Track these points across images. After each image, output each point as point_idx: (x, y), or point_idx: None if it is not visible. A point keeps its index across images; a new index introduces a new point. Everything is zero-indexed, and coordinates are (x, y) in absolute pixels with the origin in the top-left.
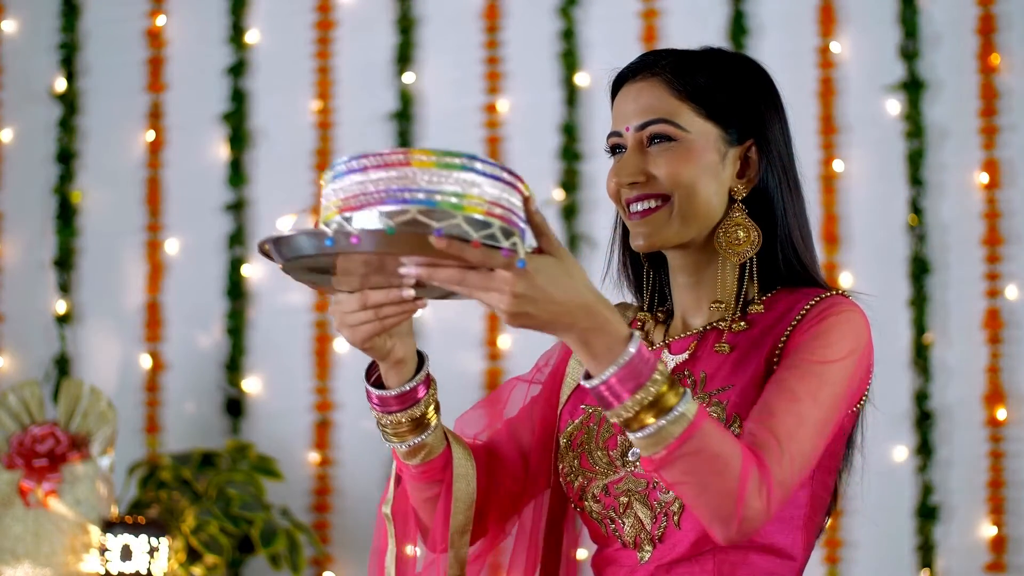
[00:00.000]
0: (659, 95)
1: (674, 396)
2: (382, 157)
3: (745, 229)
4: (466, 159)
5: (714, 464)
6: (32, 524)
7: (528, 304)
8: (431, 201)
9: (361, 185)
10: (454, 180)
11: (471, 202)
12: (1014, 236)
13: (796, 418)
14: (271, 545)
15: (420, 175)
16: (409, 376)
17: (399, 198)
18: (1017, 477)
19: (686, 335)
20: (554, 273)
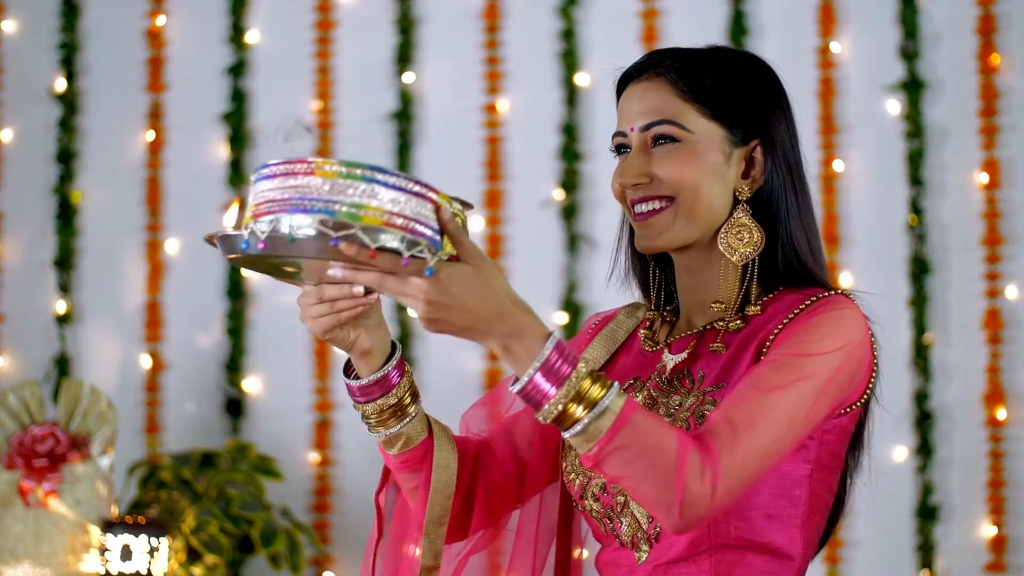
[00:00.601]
0: (663, 95)
1: (599, 389)
2: (290, 165)
3: (748, 230)
4: (369, 170)
5: (648, 454)
6: (32, 524)
7: (442, 311)
8: (329, 211)
9: (271, 192)
10: (354, 191)
11: (369, 212)
12: (1014, 236)
13: (761, 407)
14: (271, 545)
15: (322, 185)
16: (379, 366)
17: (301, 207)
18: (1017, 477)
19: (686, 335)
20: (469, 281)
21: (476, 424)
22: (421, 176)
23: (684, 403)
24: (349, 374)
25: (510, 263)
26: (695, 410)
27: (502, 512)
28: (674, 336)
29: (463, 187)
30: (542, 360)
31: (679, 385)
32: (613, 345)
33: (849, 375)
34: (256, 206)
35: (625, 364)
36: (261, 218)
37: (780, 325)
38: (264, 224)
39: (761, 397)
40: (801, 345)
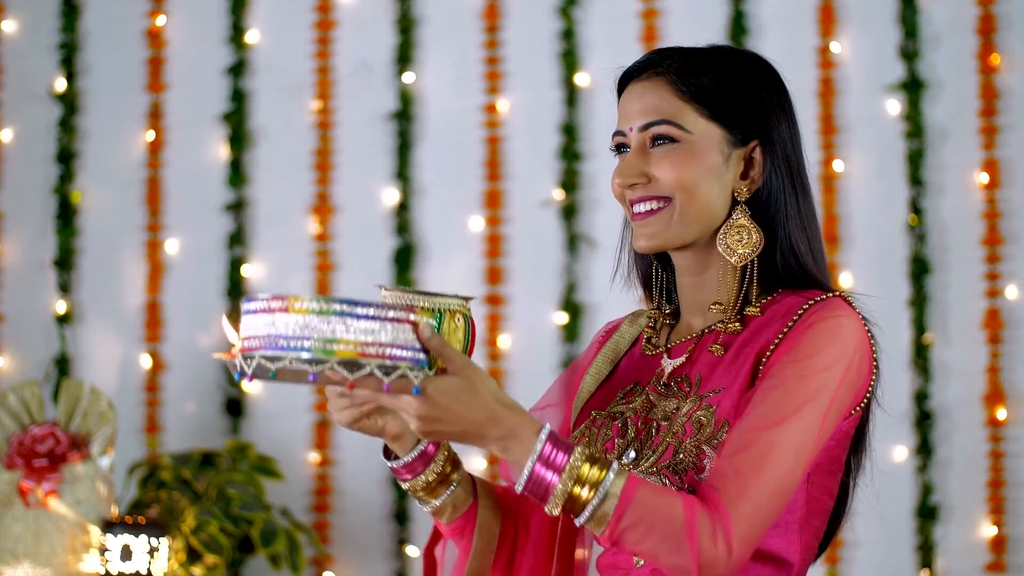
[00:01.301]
0: (663, 95)
1: (599, 471)
2: (267, 302)
3: (747, 231)
4: (343, 304)
5: (658, 527)
6: (32, 524)
7: (434, 423)
8: (303, 348)
9: (253, 327)
10: (328, 326)
11: (341, 346)
12: (1014, 236)
13: (765, 447)
14: (271, 545)
15: (297, 322)
16: (412, 446)
17: (277, 344)
18: (1017, 477)
19: (686, 339)
20: (458, 392)
21: None
22: (422, 175)
23: (681, 408)
24: (389, 456)
25: (510, 263)
26: (691, 415)
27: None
28: (674, 340)
29: (463, 187)
30: (538, 453)
31: (676, 389)
32: (616, 356)
33: (851, 387)
34: (243, 339)
35: (627, 369)
36: (246, 353)
37: (780, 334)
38: (247, 361)
39: (764, 435)
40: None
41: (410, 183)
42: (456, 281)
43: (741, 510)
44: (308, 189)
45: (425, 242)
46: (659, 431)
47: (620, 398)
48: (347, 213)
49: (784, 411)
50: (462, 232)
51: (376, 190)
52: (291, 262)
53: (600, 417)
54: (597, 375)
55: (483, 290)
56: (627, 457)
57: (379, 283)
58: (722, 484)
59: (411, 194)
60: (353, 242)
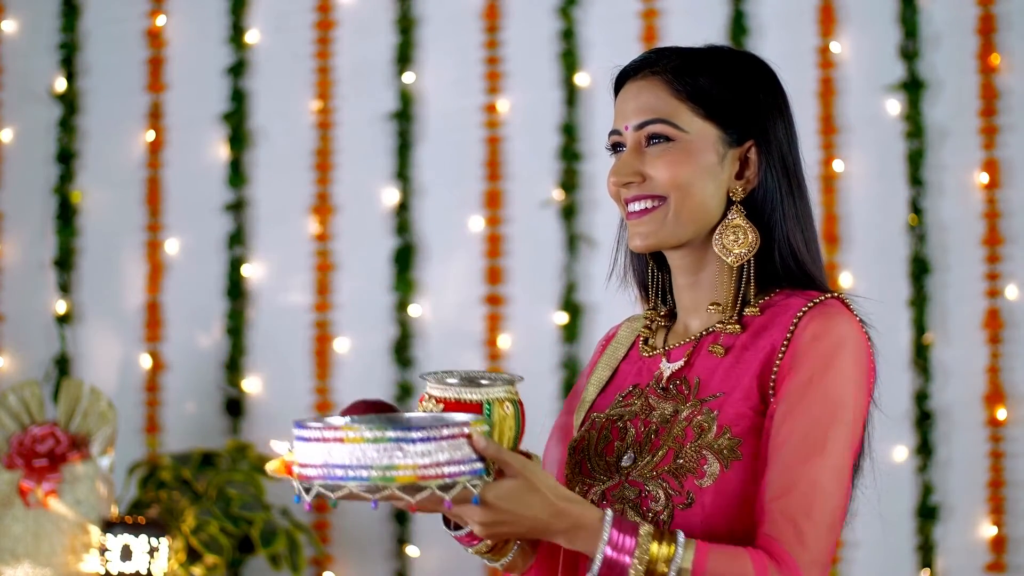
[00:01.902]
0: (659, 94)
1: (668, 547)
2: (321, 431)
3: (743, 231)
4: (397, 431)
5: None
6: (32, 524)
7: (498, 527)
8: (363, 478)
9: (308, 455)
10: (384, 454)
11: (402, 472)
12: (1014, 236)
13: (809, 484)
14: (271, 545)
15: (354, 452)
16: None
17: (335, 475)
18: (1017, 477)
19: (684, 342)
20: (518, 494)
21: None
22: (422, 175)
23: (680, 412)
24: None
25: (510, 263)
26: (691, 419)
27: None
28: (672, 342)
29: (463, 187)
30: (607, 540)
31: (675, 392)
32: (615, 361)
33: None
34: (299, 465)
35: (626, 372)
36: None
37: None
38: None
39: (805, 471)
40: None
41: (410, 183)
42: (456, 281)
43: (804, 555)
44: (308, 189)
45: (425, 242)
46: (658, 434)
47: (619, 400)
48: (347, 213)
49: (816, 440)
50: (462, 232)
51: (376, 190)
52: (291, 262)
53: (600, 420)
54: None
55: (483, 290)
56: (626, 460)
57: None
58: (779, 532)
59: (411, 194)
60: (353, 242)
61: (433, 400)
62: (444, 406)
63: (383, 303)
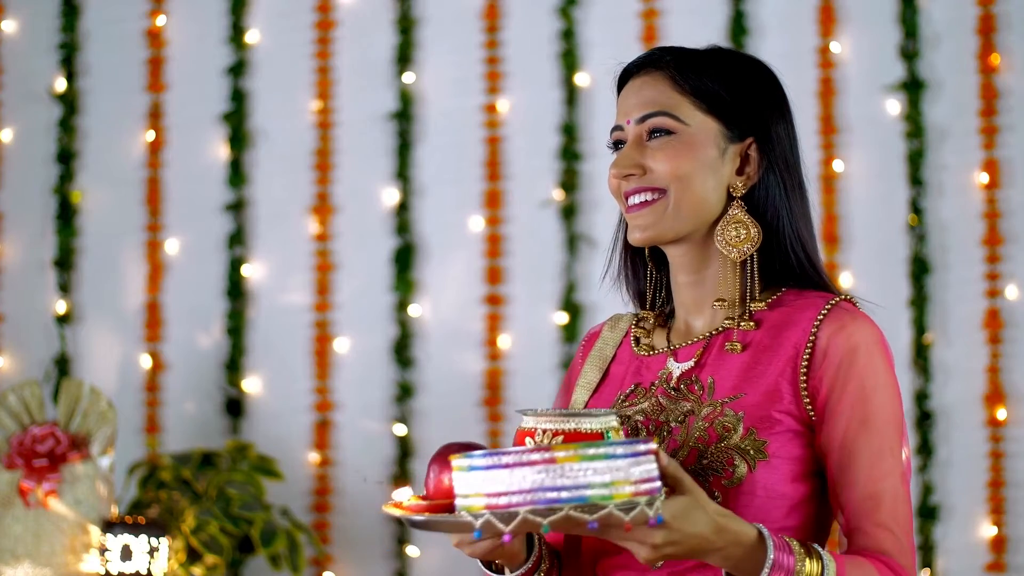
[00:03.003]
0: (661, 89)
1: (817, 565)
2: (522, 455)
3: (744, 226)
4: (607, 448)
5: None
6: (32, 524)
7: (667, 547)
8: (582, 498)
9: (507, 483)
10: (599, 470)
11: (619, 489)
12: (1014, 236)
13: (893, 494)
14: (271, 545)
15: (566, 470)
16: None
17: (548, 497)
18: (1017, 477)
19: (692, 342)
20: (689, 512)
21: None
22: (422, 175)
23: (697, 411)
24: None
25: (510, 263)
26: (712, 420)
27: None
28: (676, 342)
29: (463, 187)
30: (771, 561)
31: (687, 392)
32: (604, 362)
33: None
34: (487, 496)
35: (619, 373)
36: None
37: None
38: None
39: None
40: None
41: (410, 183)
42: (456, 281)
43: (906, 560)
44: (308, 189)
45: (425, 242)
46: (672, 434)
47: (621, 400)
48: (347, 213)
49: (888, 453)
50: (462, 232)
51: (376, 190)
52: (291, 262)
53: None
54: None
55: (483, 290)
56: None
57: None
58: (889, 548)
59: (411, 194)
60: (353, 242)
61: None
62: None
63: (383, 303)
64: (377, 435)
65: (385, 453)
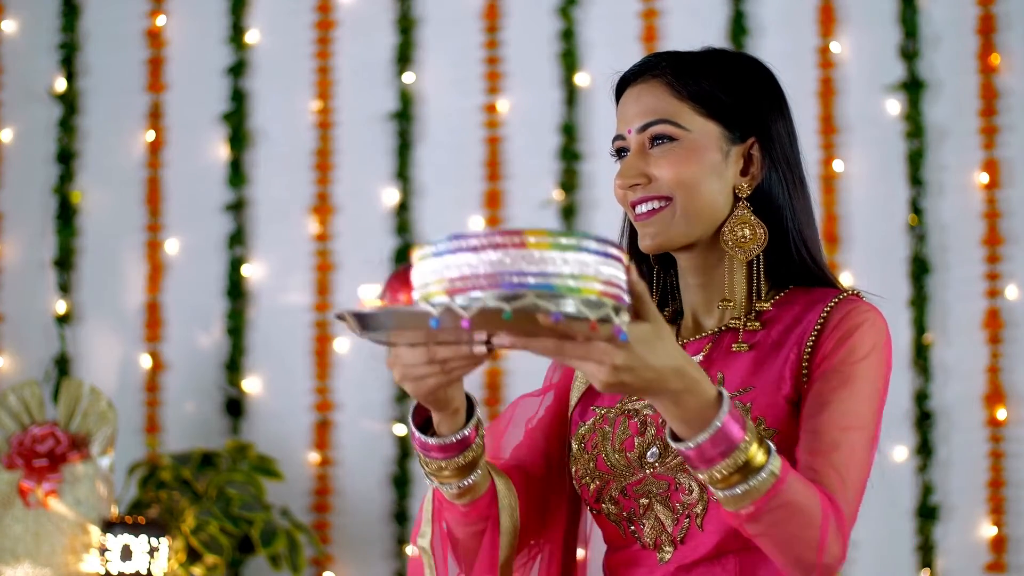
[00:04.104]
0: (660, 96)
1: (763, 455)
2: (493, 237)
3: (751, 227)
4: (578, 238)
5: (799, 517)
6: (32, 524)
7: (625, 373)
8: (548, 285)
9: (472, 267)
10: (567, 261)
11: (587, 283)
12: (1014, 236)
13: (850, 447)
14: (271, 545)
15: (534, 257)
16: (462, 423)
17: (513, 282)
18: (1017, 477)
19: (700, 337)
20: (650, 340)
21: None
22: (422, 175)
23: None
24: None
25: None
26: None
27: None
28: (684, 338)
29: (463, 187)
30: (713, 431)
31: None
32: None
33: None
34: (449, 281)
35: None
36: (463, 294)
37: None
38: (469, 300)
39: (847, 437)
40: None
41: (410, 183)
42: None
43: (848, 509)
44: (308, 189)
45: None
46: None
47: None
48: (347, 213)
49: (859, 413)
50: None
51: (376, 190)
52: (291, 262)
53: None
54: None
55: None
56: (652, 455)
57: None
58: (829, 482)
59: (411, 194)
60: (353, 242)
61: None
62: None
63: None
64: (377, 435)
65: (385, 453)
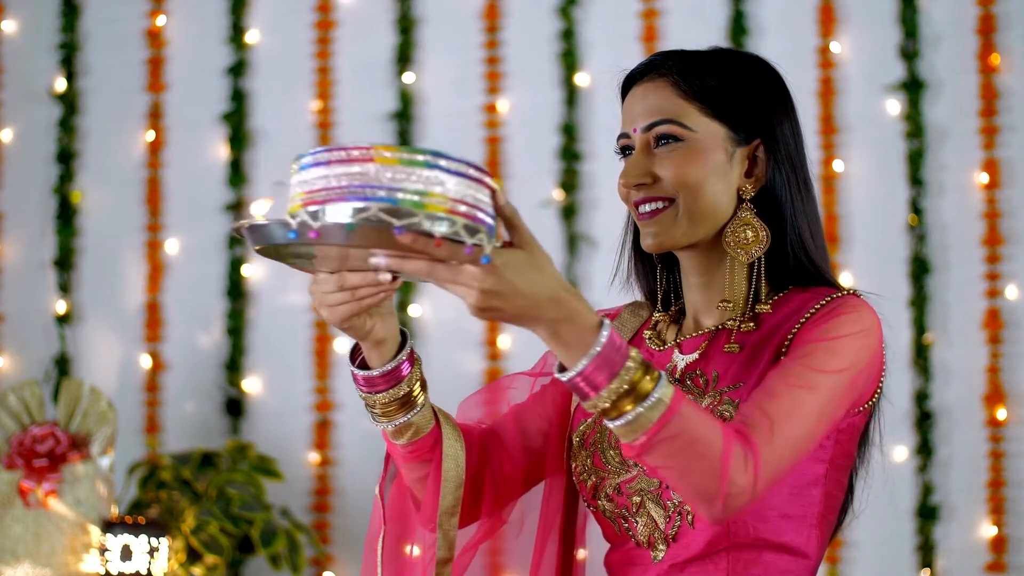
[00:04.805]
0: (666, 95)
1: (650, 381)
2: (346, 152)
3: (753, 228)
4: (430, 156)
5: (695, 445)
6: (32, 524)
7: (495, 299)
8: (392, 199)
9: (325, 179)
10: (417, 177)
11: (433, 200)
12: (1014, 236)
13: (792, 401)
14: (271, 545)
15: (383, 172)
16: (391, 356)
17: (361, 195)
18: (1017, 477)
19: (697, 334)
20: (522, 266)
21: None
22: None
23: (699, 402)
24: (355, 362)
25: None
26: (713, 410)
27: (507, 500)
28: (683, 336)
29: None
30: (594, 353)
31: (692, 384)
32: None
33: (867, 376)
34: (307, 194)
35: None
36: (314, 206)
37: (799, 324)
38: (318, 211)
39: (793, 392)
40: (825, 341)
41: None
42: None
43: (768, 452)
44: None
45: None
46: None
47: None
48: None
49: (813, 378)
50: None
51: None
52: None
53: None
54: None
55: None
56: None
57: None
58: (753, 422)
59: None
60: None
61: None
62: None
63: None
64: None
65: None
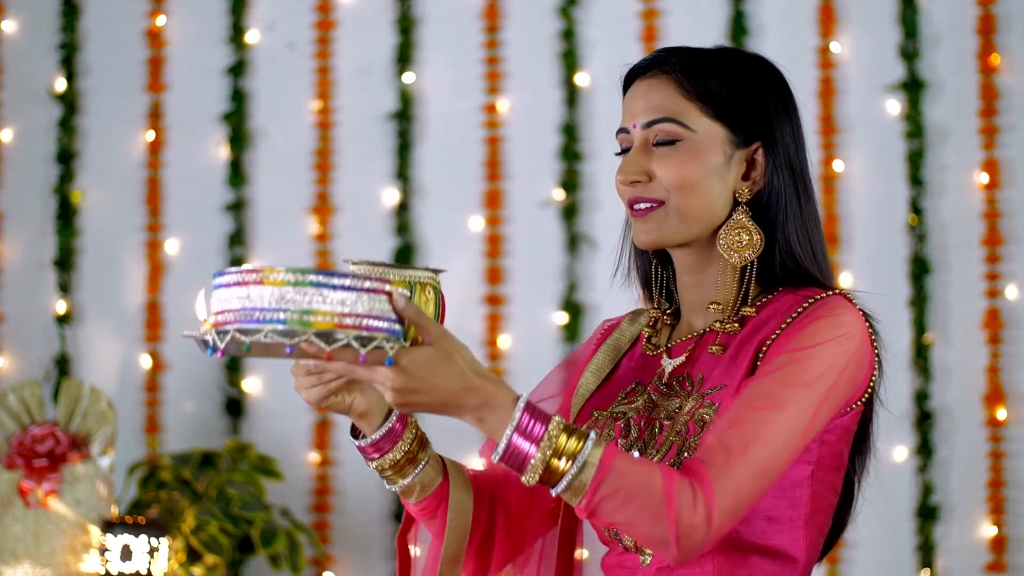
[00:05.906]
0: (668, 93)
1: (576, 442)
2: (240, 275)
3: (747, 232)
4: (318, 275)
5: (636, 497)
6: (32, 524)
7: (410, 395)
8: (280, 320)
9: (227, 302)
10: (304, 297)
11: (318, 317)
12: (1014, 236)
13: (755, 426)
14: (271, 545)
15: (272, 294)
16: (379, 424)
17: (253, 317)
18: (1017, 477)
19: (687, 338)
20: (432, 363)
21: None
22: (422, 175)
23: (684, 406)
24: (356, 435)
25: (510, 263)
26: (694, 413)
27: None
28: (675, 340)
29: (463, 187)
30: (515, 423)
31: (679, 388)
32: (617, 353)
33: (850, 381)
34: (215, 314)
35: (627, 370)
36: (219, 328)
37: (778, 329)
38: (220, 335)
39: (756, 416)
40: (798, 355)
41: (410, 183)
42: (457, 281)
43: (725, 484)
44: (308, 189)
45: (425, 242)
46: (662, 430)
47: (622, 398)
48: (347, 213)
49: (779, 396)
50: (462, 232)
51: (376, 190)
52: (291, 262)
53: (602, 417)
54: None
55: (483, 290)
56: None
57: (346, 258)
58: (709, 457)
59: (411, 194)
60: (353, 242)
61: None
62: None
63: None
64: None
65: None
